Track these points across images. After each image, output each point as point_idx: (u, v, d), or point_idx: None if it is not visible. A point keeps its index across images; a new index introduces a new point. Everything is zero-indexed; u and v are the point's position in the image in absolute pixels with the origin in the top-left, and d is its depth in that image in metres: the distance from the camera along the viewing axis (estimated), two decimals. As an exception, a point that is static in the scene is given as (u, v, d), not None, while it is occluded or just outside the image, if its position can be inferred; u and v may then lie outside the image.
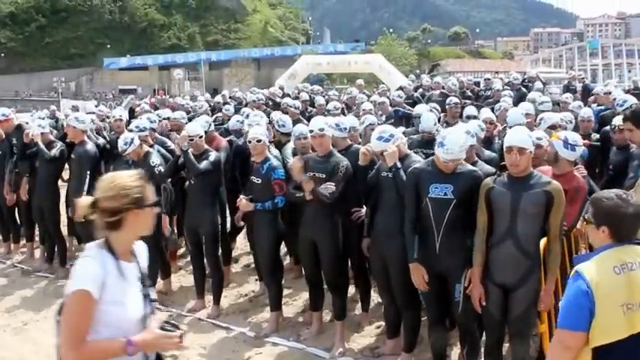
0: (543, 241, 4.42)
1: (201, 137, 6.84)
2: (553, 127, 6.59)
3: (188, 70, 75.92)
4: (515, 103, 9.87)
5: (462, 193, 4.63)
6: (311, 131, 5.82)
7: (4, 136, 9.09)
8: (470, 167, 4.82)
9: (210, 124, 8.07)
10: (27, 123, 10.04)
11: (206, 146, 6.93)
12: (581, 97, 12.32)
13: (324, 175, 5.61)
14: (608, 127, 7.36)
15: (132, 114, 13.18)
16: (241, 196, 6.28)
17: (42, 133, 8.49)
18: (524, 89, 12.96)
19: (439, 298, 4.86)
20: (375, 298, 6.54)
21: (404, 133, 6.04)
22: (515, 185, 4.39)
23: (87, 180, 7.58)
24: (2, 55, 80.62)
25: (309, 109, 11.77)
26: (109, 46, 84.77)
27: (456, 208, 4.65)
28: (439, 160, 4.70)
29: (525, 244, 4.35)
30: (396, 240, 5.10)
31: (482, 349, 4.84)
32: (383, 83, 23.87)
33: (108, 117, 10.98)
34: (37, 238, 9.35)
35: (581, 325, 2.78)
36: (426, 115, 7.31)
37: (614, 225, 2.89)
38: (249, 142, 6.23)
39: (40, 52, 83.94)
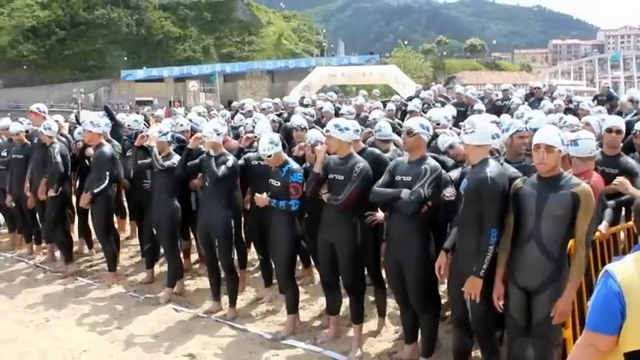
0: (571, 244, 4.29)
1: (218, 134, 6.86)
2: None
3: (203, 81, 76.32)
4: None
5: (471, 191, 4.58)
6: (327, 130, 5.82)
7: (25, 140, 9.35)
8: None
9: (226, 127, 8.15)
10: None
11: (223, 149, 6.96)
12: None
13: (342, 177, 5.59)
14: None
15: (147, 123, 13.32)
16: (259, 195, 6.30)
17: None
18: (547, 99, 12.81)
19: (463, 300, 4.69)
20: (392, 303, 6.47)
21: None
22: (543, 186, 4.28)
23: (106, 180, 7.97)
24: (24, 67, 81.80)
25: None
26: (126, 58, 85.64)
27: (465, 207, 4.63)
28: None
29: (550, 246, 4.22)
30: (411, 243, 5.07)
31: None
32: (397, 94, 23.89)
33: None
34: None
35: (610, 328, 2.56)
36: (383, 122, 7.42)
37: None
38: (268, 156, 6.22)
39: (60, 64, 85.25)
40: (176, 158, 7.34)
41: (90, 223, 9.01)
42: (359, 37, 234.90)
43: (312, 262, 7.68)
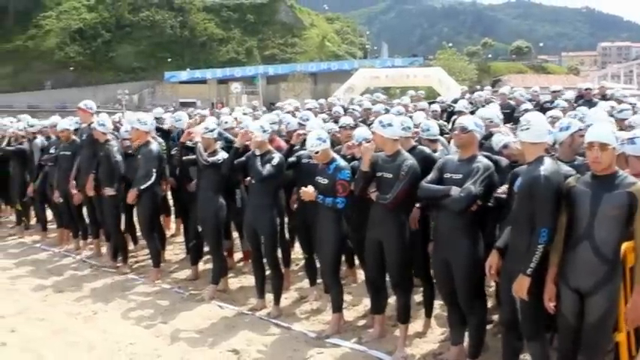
0: (625, 246, 4.16)
1: (265, 131, 6.88)
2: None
3: (246, 83, 76.82)
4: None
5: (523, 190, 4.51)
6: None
7: (73, 137, 9.50)
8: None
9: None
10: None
11: (269, 147, 6.96)
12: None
13: (390, 175, 5.55)
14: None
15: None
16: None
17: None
18: (598, 100, 12.54)
19: (513, 300, 4.59)
20: (437, 304, 6.40)
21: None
22: (597, 185, 4.16)
23: (153, 177, 8.05)
24: (71, 68, 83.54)
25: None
26: (169, 60, 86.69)
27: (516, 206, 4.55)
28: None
29: (603, 248, 4.10)
30: (460, 242, 5.00)
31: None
32: (440, 96, 23.69)
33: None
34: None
35: None
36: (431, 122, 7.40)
37: None
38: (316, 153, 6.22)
39: (105, 65, 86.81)
40: (222, 155, 7.36)
41: (135, 219, 9.12)
42: (402, 40, 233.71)
43: (356, 262, 7.67)
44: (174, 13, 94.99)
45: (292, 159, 7.16)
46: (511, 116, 10.92)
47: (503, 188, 5.11)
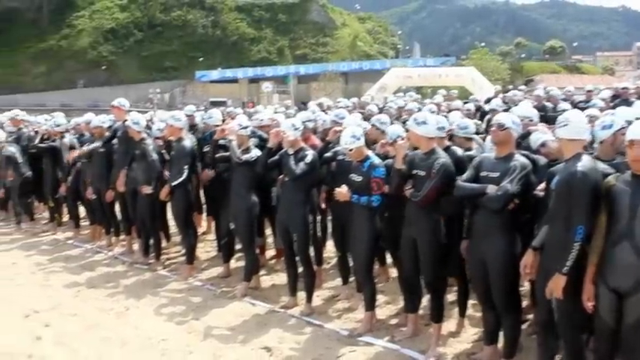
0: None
1: (296, 129, 6.85)
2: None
3: (277, 83, 76.97)
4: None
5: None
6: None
7: (106, 134, 9.57)
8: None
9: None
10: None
11: (302, 144, 6.93)
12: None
13: (424, 173, 5.50)
14: None
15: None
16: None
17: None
18: (635, 100, 12.30)
19: (549, 300, 4.51)
20: (470, 304, 6.34)
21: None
22: (637, 184, 4.06)
23: (185, 173, 8.07)
24: (103, 67, 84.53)
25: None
26: (201, 59, 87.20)
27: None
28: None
29: None
30: (496, 241, 4.93)
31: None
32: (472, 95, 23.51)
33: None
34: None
35: None
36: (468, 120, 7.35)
37: None
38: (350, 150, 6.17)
39: (137, 64, 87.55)
40: (255, 152, 7.35)
41: (168, 216, 9.16)
42: (434, 40, 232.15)
43: (388, 262, 7.63)
44: (206, 12, 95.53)
45: (328, 154, 7.14)
46: (545, 117, 10.74)
47: (542, 186, 5.03)
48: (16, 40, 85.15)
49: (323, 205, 7.66)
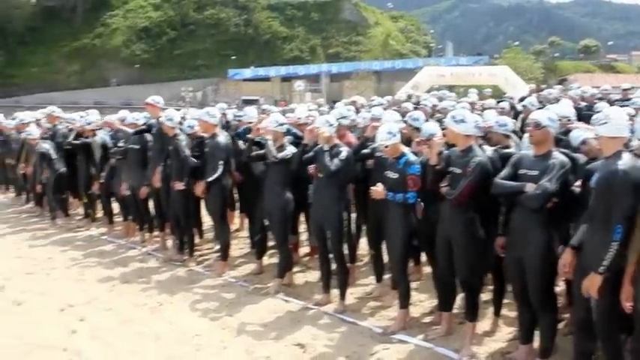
0: None
1: (331, 125, 6.82)
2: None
3: (309, 81, 76.99)
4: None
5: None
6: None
7: (132, 130, 9.68)
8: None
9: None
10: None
11: (337, 140, 6.90)
12: None
13: (460, 171, 5.46)
14: None
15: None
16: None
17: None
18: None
19: (587, 300, 4.45)
20: (505, 304, 6.26)
21: None
22: None
23: (220, 168, 8.09)
24: (136, 66, 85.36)
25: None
26: (233, 57, 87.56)
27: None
28: None
29: None
30: (534, 239, 4.88)
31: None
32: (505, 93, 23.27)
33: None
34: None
35: None
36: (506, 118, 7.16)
37: None
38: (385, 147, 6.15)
39: (170, 63, 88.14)
40: (290, 150, 7.34)
41: (203, 212, 9.20)
42: (467, 39, 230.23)
43: (422, 260, 7.57)
44: (239, 11, 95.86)
45: (366, 151, 7.11)
46: (579, 116, 10.59)
47: (578, 183, 4.96)
48: (51, 38, 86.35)
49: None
